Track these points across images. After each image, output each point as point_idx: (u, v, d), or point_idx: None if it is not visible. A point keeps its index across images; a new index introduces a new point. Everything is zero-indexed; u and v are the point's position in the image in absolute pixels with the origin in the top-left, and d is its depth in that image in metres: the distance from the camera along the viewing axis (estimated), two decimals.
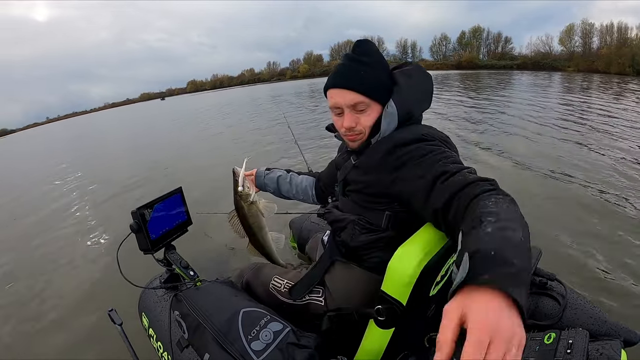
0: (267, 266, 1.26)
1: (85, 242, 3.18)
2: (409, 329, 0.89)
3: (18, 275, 2.76)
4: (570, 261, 2.08)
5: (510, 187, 2.22)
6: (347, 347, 0.93)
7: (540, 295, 0.97)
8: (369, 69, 0.85)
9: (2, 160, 13.83)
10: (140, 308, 1.22)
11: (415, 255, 0.73)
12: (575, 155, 4.19)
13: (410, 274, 0.71)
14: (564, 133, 5.42)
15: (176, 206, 1.22)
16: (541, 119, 6.65)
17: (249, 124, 9.90)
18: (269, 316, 0.93)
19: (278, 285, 1.13)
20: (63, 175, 6.59)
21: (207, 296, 1.02)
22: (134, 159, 7.49)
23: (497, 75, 21.50)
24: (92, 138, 15.32)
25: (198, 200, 3.42)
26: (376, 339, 0.84)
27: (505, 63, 42.28)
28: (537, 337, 0.80)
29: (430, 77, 0.92)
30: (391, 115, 0.84)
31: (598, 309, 0.91)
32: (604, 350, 0.70)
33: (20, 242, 3.48)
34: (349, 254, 0.96)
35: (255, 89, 47.12)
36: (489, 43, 58.56)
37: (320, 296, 1.02)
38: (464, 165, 0.73)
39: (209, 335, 0.89)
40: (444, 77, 23.25)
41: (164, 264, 1.20)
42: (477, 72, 29.10)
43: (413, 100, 0.87)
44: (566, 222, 2.54)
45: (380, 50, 0.92)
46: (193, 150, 7.34)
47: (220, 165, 4.78)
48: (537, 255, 1.03)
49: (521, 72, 27.22)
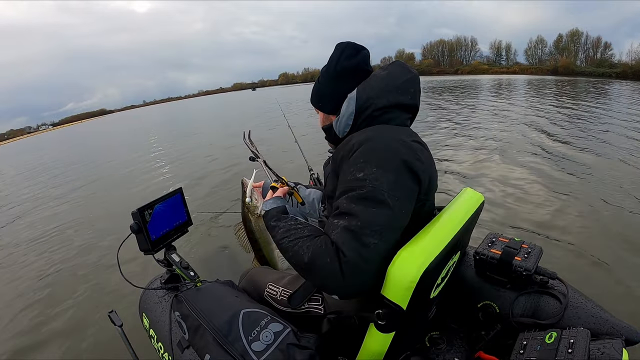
0: (259, 272, 1.25)
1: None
2: (409, 331, 0.88)
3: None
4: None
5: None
6: (347, 348, 0.93)
7: (541, 294, 0.97)
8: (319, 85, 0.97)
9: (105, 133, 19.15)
10: (140, 309, 1.22)
11: (416, 259, 0.71)
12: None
13: (411, 279, 0.70)
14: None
15: (176, 207, 1.22)
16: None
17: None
18: (269, 317, 0.93)
19: (274, 293, 1.11)
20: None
21: (208, 297, 1.01)
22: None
23: (596, 83, 19.52)
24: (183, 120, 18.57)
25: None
26: (377, 343, 0.83)
27: (603, 71, 38.52)
28: (539, 337, 0.80)
29: (406, 71, 0.88)
30: (350, 99, 0.87)
31: (600, 307, 0.90)
32: (605, 349, 0.69)
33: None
34: None
35: None
36: (587, 48, 53.00)
37: (320, 304, 1.01)
38: (357, 232, 0.69)
39: (210, 336, 0.89)
40: (540, 82, 21.73)
41: (164, 264, 1.20)
42: (574, 78, 27.14)
43: (377, 88, 0.85)
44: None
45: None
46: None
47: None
48: (538, 253, 1.03)
49: (620, 81, 24.33)
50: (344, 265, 0.67)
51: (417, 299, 0.74)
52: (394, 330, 0.79)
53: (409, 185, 0.75)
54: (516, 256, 1.00)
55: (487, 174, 3.89)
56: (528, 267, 0.97)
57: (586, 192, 3.20)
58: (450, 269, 0.93)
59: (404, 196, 0.73)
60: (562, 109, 8.78)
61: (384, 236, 0.69)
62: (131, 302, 1.28)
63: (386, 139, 0.77)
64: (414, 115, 0.93)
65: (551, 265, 1.02)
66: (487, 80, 28.79)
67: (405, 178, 0.74)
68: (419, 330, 0.97)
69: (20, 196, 6.00)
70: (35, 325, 2.08)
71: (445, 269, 0.87)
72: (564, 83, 20.84)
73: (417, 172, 0.75)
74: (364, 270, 0.68)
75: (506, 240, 1.09)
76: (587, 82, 21.46)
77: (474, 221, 1.01)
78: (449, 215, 0.89)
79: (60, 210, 4.62)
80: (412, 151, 0.77)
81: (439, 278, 0.85)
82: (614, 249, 2.24)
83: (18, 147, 28.67)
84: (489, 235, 1.14)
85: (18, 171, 9.99)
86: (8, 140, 76.97)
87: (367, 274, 0.69)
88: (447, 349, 1.03)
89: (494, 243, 1.08)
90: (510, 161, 4.32)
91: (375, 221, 0.69)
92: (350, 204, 0.71)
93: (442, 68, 69.59)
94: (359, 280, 0.69)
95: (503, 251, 1.02)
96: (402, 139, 0.78)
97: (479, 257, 1.05)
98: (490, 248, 1.06)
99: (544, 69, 49.54)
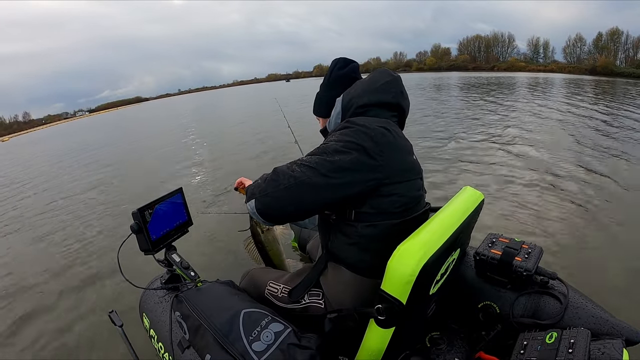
0: (260, 272, 1.26)
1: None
2: (409, 327, 0.88)
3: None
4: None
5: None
6: (348, 347, 0.93)
7: (541, 294, 0.97)
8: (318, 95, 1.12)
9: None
10: (141, 309, 1.22)
11: (415, 254, 0.73)
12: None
13: (410, 273, 0.71)
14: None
15: (177, 206, 1.22)
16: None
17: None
18: (270, 317, 0.93)
19: (274, 291, 1.13)
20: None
21: (208, 297, 1.02)
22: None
23: (636, 85, 18.79)
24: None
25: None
26: (377, 339, 0.83)
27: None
28: (539, 337, 0.80)
29: (387, 75, 0.99)
30: (338, 101, 1.01)
31: (600, 307, 0.91)
32: (605, 349, 0.69)
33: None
34: (334, 256, 0.97)
35: None
36: (627, 48, 50.79)
37: (320, 299, 1.02)
38: (299, 160, 0.87)
39: (210, 336, 0.89)
40: (576, 82, 20.85)
41: (164, 264, 1.20)
42: (613, 79, 25.76)
43: (360, 89, 0.98)
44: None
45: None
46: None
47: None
48: (538, 254, 1.03)
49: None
50: (270, 174, 0.88)
51: (416, 294, 0.75)
52: (393, 326, 0.80)
53: (355, 156, 0.82)
54: (516, 256, 1.00)
55: (493, 173, 3.89)
56: (528, 267, 0.97)
57: (587, 192, 3.20)
58: (450, 266, 0.93)
59: (346, 159, 0.82)
60: (595, 112, 8.19)
61: (307, 170, 0.82)
62: (131, 302, 1.28)
63: (356, 122, 0.89)
64: (400, 116, 1.01)
65: (551, 266, 1.02)
66: (523, 78, 27.61)
67: (353, 148, 0.83)
68: (418, 327, 0.98)
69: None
70: (36, 325, 2.08)
71: (445, 266, 0.88)
72: (602, 83, 19.83)
73: (367, 149, 0.83)
74: (279, 184, 0.84)
75: (506, 241, 1.09)
76: (626, 83, 20.46)
77: (474, 219, 1.01)
78: (448, 212, 0.90)
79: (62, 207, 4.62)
80: (374, 132, 0.86)
81: (438, 274, 0.86)
82: (614, 249, 2.24)
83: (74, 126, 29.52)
84: (489, 235, 1.14)
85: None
86: (45, 125, 76.70)
87: (280, 187, 0.83)
88: (448, 349, 1.03)
89: (494, 243, 1.08)
90: (519, 161, 4.30)
91: (308, 160, 0.85)
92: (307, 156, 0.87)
93: (477, 64, 67.89)
94: (272, 188, 0.84)
95: (503, 251, 1.03)
96: (369, 123, 0.88)
97: (479, 257, 1.05)
98: (490, 248, 1.06)
99: (582, 68, 47.69)
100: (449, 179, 3.81)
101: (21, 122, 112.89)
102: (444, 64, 75.20)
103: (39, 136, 28.74)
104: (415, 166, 0.95)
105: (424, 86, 20.33)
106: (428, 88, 18.94)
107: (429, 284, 0.83)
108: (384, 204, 0.86)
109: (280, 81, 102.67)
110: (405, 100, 1.01)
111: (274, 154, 5.76)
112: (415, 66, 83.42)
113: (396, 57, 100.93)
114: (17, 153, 14.98)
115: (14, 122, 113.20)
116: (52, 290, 2.46)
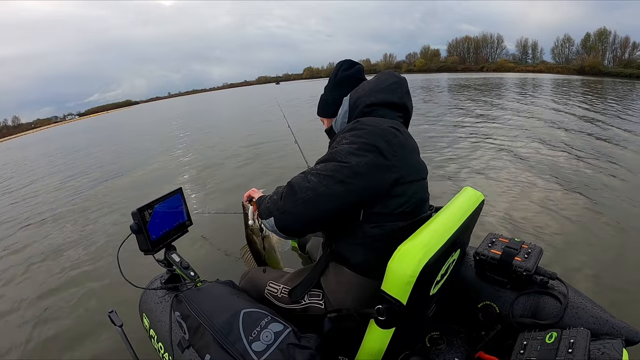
0: (259, 272, 1.26)
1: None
2: (409, 328, 0.88)
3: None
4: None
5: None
6: (348, 347, 0.93)
7: (541, 294, 0.97)
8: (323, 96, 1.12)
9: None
10: (140, 309, 1.22)
11: (415, 254, 0.73)
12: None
13: (411, 273, 0.71)
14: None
15: (176, 206, 1.22)
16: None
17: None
18: (269, 317, 0.93)
19: (274, 291, 1.14)
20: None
21: (208, 297, 1.02)
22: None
23: (624, 84, 18.35)
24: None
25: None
26: (377, 339, 0.83)
27: (631, 71, 36.92)
28: (539, 337, 0.80)
29: (393, 76, 1.01)
30: (345, 100, 1.01)
31: (600, 307, 0.91)
32: (605, 349, 0.69)
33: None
34: (338, 256, 0.96)
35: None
36: (615, 48, 51.44)
37: (320, 299, 1.02)
38: (314, 169, 0.86)
39: (210, 336, 0.89)
40: (564, 82, 20.97)
41: (164, 264, 1.20)
42: (600, 79, 26.14)
43: (367, 89, 0.98)
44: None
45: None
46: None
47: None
48: (538, 254, 1.03)
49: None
50: (285, 188, 0.87)
51: (417, 295, 0.75)
52: (394, 326, 0.80)
53: (371, 158, 0.82)
54: (516, 256, 1.00)
55: (492, 173, 3.88)
56: (528, 267, 0.97)
57: (587, 192, 3.20)
58: (450, 266, 0.93)
59: (362, 162, 0.81)
60: (584, 110, 8.34)
61: (324, 179, 0.81)
62: (131, 302, 1.28)
63: (366, 122, 0.89)
64: (405, 116, 1.02)
65: (551, 266, 1.02)
66: (512, 78, 27.85)
67: (368, 149, 0.82)
68: (418, 328, 0.98)
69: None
70: (35, 325, 2.07)
71: (445, 266, 0.88)
72: (593, 83, 20.02)
73: (381, 149, 0.83)
74: (297, 198, 0.83)
75: (506, 241, 1.09)
76: (613, 82, 20.56)
77: (474, 219, 1.01)
78: (448, 212, 0.90)
79: (63, 205, 4.62)
80: (385, 132, 0.86)
81: (439, 275, 0.86)
82: (615, 249, 2.24)
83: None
84: (489, 235, 1.14)
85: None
86: (34, 130, 76.12)
87: (298, 201, 0.83)
88: (447, 349, 1.03)
89: (494, 243, 1.08)
90: (518, 161, 4.30)
91: (323, 168, 0.84)
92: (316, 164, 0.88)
93: (467, 65, 68.52)
94: (291, 203, 0.84)
95: (503, 251, 1.03)
96: (380, 124, 0.88)
97: (479, 257, 1.05)
98: (490, 248, 1.06)
99: (571, 69, 48.50)
100: (449, 179, 3.81)
101: (10, 127, 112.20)
102: (434, 66, 76.01)
103: (30, 140, 28.23)
104: (423, 166, 0.97)
105: (413, 87, 20.34)
106: (417, 89, 19.01)
107: (429, 285, 0.82)
108: (395, 204, 0.86)
109: (270, 84, 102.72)
110: (410, 101, 1.02)
111: (274, 154, 5.77)
112: (405, 67, 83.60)
113: (386, 58, 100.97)
114: (12, 155, 14.93)
115: (3, 127, 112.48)
116: (51, 289, 2.46)
